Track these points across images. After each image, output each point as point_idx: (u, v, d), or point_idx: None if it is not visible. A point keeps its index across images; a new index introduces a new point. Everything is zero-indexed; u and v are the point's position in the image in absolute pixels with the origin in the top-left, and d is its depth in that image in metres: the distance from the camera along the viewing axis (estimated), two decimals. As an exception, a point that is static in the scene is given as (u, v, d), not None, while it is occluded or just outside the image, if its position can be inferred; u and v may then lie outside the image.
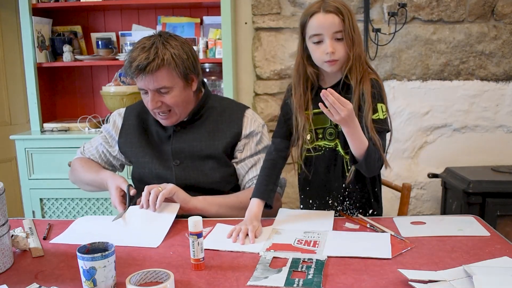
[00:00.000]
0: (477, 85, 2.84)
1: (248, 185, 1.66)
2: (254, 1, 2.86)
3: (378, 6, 2.81)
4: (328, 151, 1.59)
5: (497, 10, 2.78)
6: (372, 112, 1.49)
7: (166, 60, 1.50)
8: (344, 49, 1.50)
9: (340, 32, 1.49)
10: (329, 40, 1.49)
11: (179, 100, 1.57)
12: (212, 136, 1.64)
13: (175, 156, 1.63)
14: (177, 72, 1.53)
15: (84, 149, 1.79)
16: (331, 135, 1.58)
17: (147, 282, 1.04)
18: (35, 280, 1.08)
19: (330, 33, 1.49)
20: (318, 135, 1.59)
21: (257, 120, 1.70)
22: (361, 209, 1.62)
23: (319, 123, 1.58)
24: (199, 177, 1.62)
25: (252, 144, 1.66)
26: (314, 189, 1.65)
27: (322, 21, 1.51)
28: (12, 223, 1.47)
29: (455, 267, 1.08)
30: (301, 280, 1.05)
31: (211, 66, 2.85)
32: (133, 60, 1.50)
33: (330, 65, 1.51)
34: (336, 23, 1.49)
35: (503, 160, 2.87)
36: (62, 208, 2.70)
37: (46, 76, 2.92)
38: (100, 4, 2.75)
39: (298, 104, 1.57)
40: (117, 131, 1.72)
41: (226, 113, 1.69)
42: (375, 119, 1.49)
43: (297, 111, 1.57)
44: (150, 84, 1.52)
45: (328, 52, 1.48)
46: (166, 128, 1.67)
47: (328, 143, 1.59)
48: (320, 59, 1.52)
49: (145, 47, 1.50)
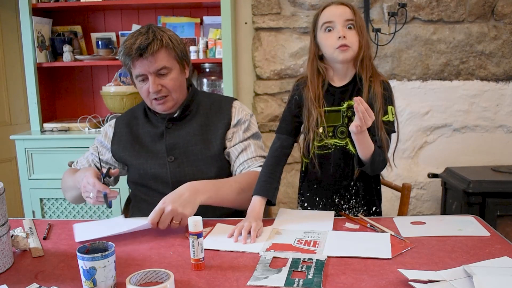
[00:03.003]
0: (477, 85, 2.84)
1: (240, 169, 1.65)
2: (254, 1, 2.86)
3: (378, 6, 2.81)
4: (339, 149, 1.61)
5: (497, 10, 2.78)
6: (383, 114, 1.54)
7: (165, 41, 1.56)
8: (354, 38, 1.54)
9: (351, 20, 1.55)
10: (340, 26, 1.54)
11: (177, 84, 1.61)
12: (205, 129, 1.66)
13: (169, 152, 1.64)
14: (175, 53, 1.59)
15: (77, 163, 1.81)
16: (342, 134, 1.60)
17: (147, 282, 1.04)
18: (35, 280, 1.08)
19: (342, 20, 1.55)
20: (328, 133, 1.61)
21: (245, 110, 1.72)
22: (365, 206, 1.65)
23: (330, 121, 1.60)
24: (194, 173, 1.62)
25: (240, 131, 1.67)
26: (323, 187, 1.66)
27: (334, 10, 1.57)
28: (12, 223, 1.47)
29: (455, 267, 1.08)
30: (301, 280, 1.05)
31: (211, 66, 2.85)
32: (132, 44, 1.53)
33: (342, 50, 1.53)
34: (347, 12, 1.57)
35: (503, 160, 2.87)
36: (62, 208, 2.70)
37: (46, 76, 2.92)
38: (100, 4, 2.75)
39: (314, 98, 1.59)
40: (109, 140, 1.74)
41: (215, 105, 1.71)
42: (385, 120, 1.54)
43: (312, 104, 1.59)
44: (151, 66, 1.55)
45: (340, 36, 1.51)
46: (157, 126, 1.68)
47: (338, 141, 1.61)
48: (331, 47, 1.55)
49: (142, 32, 1.57)
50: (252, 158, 1.64)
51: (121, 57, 1.59)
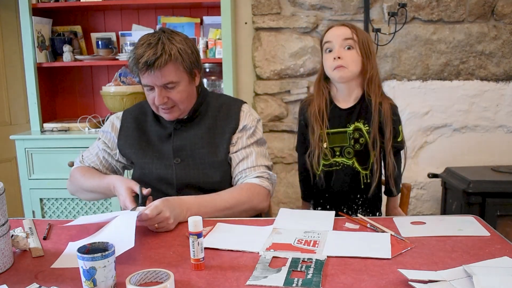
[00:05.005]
0: (477, 85, 2.84)
1: (238, 178, 1.64)
2: (254, 1, 2.86)
3: (378, 6, 2.81)
4: (346, 167, 1.70)
5: (497, 10, 2.78)
6: (397, 136, 1.69)
7: (173, 55, 1.51)
8: (353, 58, 1.59)
9: (349, 39, 1.60)
10: (337, 46, 1.60)
11: (184, 96, 1.58)
12: (213, 133, 1.65)
13: (176, 154, 1.63)
14: (183, 66, 1.55)
15: (83, 158, 1.75)
16: (349, 154, 1.69)
17: (147, 282, 1.04)
18: (35, 280, 1.08)
19: (339, 40, 1.62)
20: (335, 152, 1.70)
21: (253, 115, 1.70)
22: (371, 214, 1.75)
23: (337, 142, 1.69)
24: (199, 177, 1.62)
25: (244, 137, 1.66)
26: (331, 198, 1.75)
27: (334, 31, 1.65)
28: (12, 223, 1.47)
29: (455, 267, 1.08)
30: (300, 280, 1.05)
31: (211, 66, 2.85)
32: (140, 56, 1.50)
33: (338, 71, 1.59)
34: (346, 32, 1.65)
35: (503, 160, 2.87)
36: (62, 208, 2.70)
37: (46, 76, 2.92)
38: (100, 4, 2.75)
39: (317, 113, 1.68)
40: (116, 133, 1.71)
41: (224, 108, 1.69)
42: (399, 141, 1.70)
43: (315, 120, 1.68)
44: (157, 80, 1.53)
45: (335, 57, 1.57)
46: (166, 127, 1.67)
47: (346, 160, 1.69)
48: (330, 67, 1.65)
49: (151, 43, 1.51)
50: (251, 168, 1.62)
51: (129, 63, 1.57)
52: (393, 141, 1.65)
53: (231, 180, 1.66)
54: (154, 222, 1.35)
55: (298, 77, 2.91)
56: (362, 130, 1.67)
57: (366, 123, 1.66)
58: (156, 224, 1.35)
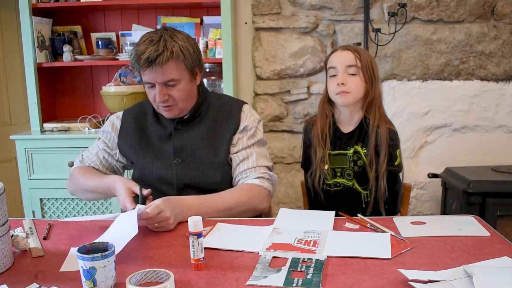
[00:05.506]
0: (477, 85, 2.84)
1: (238, 178, 1.64)
2: (254, 1, 2.86)
3: (378, 6, 2.81)
4: (347, 188, 1.74)
5: (497, 10, 2.78)
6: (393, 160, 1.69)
7: (175, 52, 1.51)
8: (356, 84, 1.62)
9: (353, 66, 1.64)
10: (341, 73, 1.63)
11: (184, 94, 1.58)
12: (213, 133, 1.65)
13: (176, 154, 1.63)
14: (185, 64, 1.55)
15: (83, 158, 1.75)
16: (349, 176, 1.72)
17: (147, 282, 1.04)
18: (35, 280, 1.08)
19: (343, 66, 1.65)
20: (336, 173, 1.74)
21: (253, 115, 1.70)
22: None
23: (338, 163, 1.73)
24: (199, 177, 1.62)
25: (244, 138, 1.66)
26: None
27: (338, 55, 1.68)
28: (12, 223, 1.47)
29: (455, 267, 1.08)
30: (300, 280, 1.05)
31: (211, 66, 2.85)
32: (142, 53, 1.50)
33: (341, 96, 1.63)
34: (349, 58, 1.68)
35: (503, 160, 2.87)
36: (62, 208, 2.70)
37: (46, 76, 2.92)
38: (100, 4, 2.75)
39: (320, 136, 1.71)
40: (116, 133, 1.71)
41: (224, 109, 1.69)
42: (396, 164, 1.70)
43: (318, 142, 1.71)
44: (158, 77, 1.53)
45: (338, 82, 1.59)
46: (166, 127, 1.67)
47: (346, 181, 1.73)
48: (333, 92, 1.70)
49: (153, 40, 1.51)
50: (252, 168, 1.62)
51: (131, 60, 1.56)
52: (388, 164, 1.66)
53: (231, 180, 1.66)
54: (154, 221, 1.35)
55: (298, 77, 2.91)
56: (360, 153, 1.70)
57: (364, 146, 1.70)
58: (156, 223, 1.35)
